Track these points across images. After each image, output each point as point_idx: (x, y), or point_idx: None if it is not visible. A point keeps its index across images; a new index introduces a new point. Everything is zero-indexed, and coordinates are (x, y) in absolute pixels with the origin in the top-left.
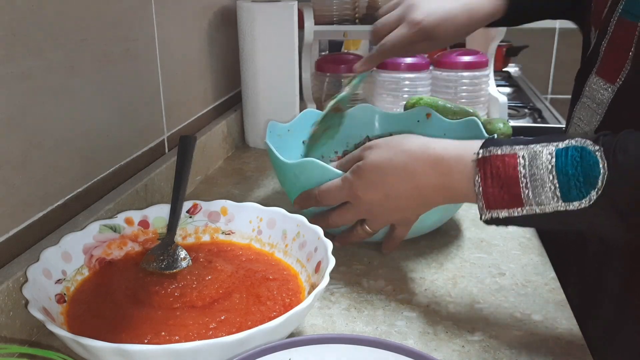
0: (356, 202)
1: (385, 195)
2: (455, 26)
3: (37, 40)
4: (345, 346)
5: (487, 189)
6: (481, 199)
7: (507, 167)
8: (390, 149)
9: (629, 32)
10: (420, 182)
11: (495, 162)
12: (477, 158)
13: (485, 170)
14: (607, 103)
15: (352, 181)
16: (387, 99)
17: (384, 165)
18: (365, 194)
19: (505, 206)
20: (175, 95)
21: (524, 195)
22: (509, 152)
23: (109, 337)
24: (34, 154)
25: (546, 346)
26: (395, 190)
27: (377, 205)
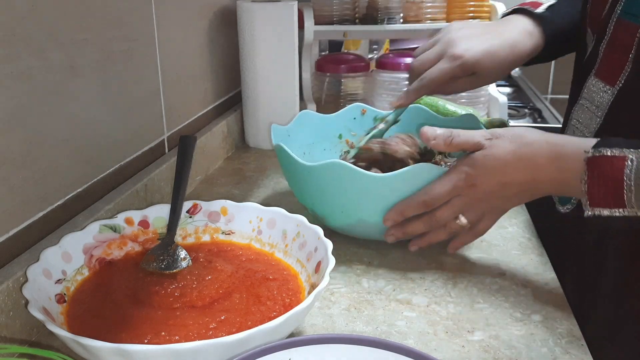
0: (470, 192)
1: (503, 184)
2: (497, 62)
3: (37, 40)
4: (345, 346)
5: (593, 188)
6: (586, 196)
7: (614, 170)
8: (514, 141)
9: (629, 33)
10: (539, 176)
11: (603, 163)
12: (587, 157)
13: (593, 170)
14: (607, 105)
15: (469, 173)
16: (387, 99)
17: (507, 157)
18: (483, 183)
19: (608, 206)
20: (175, 95)
21: (626, 198)
22: (618, 154)
23: (109, 337)
24: (34, 154)
25: (546, 346)
26: (514, 180)
27: (490, 194)
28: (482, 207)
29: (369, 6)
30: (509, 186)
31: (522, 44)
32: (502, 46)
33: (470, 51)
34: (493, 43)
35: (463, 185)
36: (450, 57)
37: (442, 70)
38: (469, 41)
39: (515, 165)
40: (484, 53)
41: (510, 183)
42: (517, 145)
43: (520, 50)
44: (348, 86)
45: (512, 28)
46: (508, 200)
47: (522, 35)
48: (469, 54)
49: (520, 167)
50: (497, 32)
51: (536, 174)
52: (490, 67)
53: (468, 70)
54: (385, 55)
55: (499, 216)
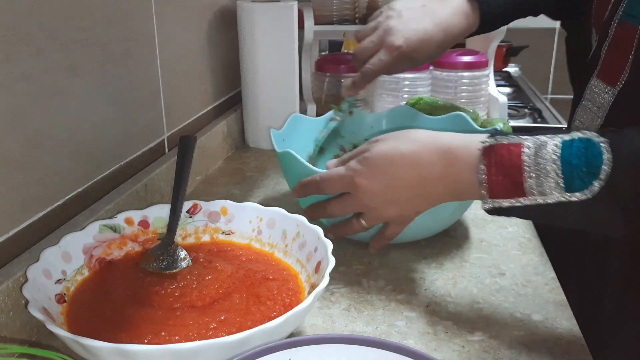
0: (357, 191)
1: (386, 186)
2: (432, 46)
3: (37, 40)
4: (345, 346)
5: (491, 177)
6: (484, 187)
7: (512, 156)
8: (398, 139)
9: (630, 34)
10: (425, 172)
11: (500, 150)
12: (483, 147)
13: (490, 158)
14: (608, 106)
15: (355, 169)
16: (387, 99)
17: (391, 153)
18: (367, 183)
19: (508, 195)
20: (175, 95)
21: (526, 185)
22: (515, 141)
23: (109, 337)
24: (34, 154)
25: (546, 346)
26: (398, 181)
27: (376, 196)
28: (378, 214)
29: (369, 6)
30: (395, 188)
31: (457, 26)
32: (437, 31)
33: (408, 41)
34: (428, 29)
35: (350, 183)
36: (390, 47)
37: (382, 60)
38: (406, 29)
39: (401, 163)
40: (420, 40)
41: (395, 185)
42: (402, 142)
43: (454, 32)
44: None
45: (449, 9)
46: (402, 205)
47: (458, 17)
48: (406, 44)
49: (405, 164)
50: (433, 14)
51: (423, 171)
52: (427, 52)
53: (406, 58)
54: None
55: (403, 225)
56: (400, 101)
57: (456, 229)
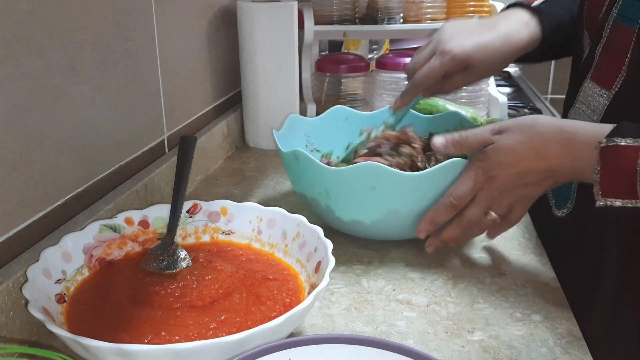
0: (490, 185)
1: (519, 173)
2: (490, 54)
3: (37, 40)
4: (345, 346)
5: (605, 178)
6: (598, 186)
7: (627, 160)
8: (524, 131)
9: (625, 36)
10: (553, 164)
11: (616, 153)
12: (600, 147)
13: (606, 160)
14: (603, 110)
15: (484, 167)
16: (387, 99)
17: (518, 148)
18: (500, 175)
19: (620, 196)
20: (175, 95)
21: (639, 189)
22: (632, 144)
23: (109, 337)
24: (34, 154)
25: (546, 346)
26: (529, 168)
27: (510, 183)
28: (508, 199)
29: (369, 6)
30: (526, 175)
31: (518, 35)
32: (495, 38)
33: (461, 45)
34: (485, 36)
35: (482, 180)
36: (440, 53)
37: (432, 67)
38: (460, 36)
39: (527, 156)
40: (476, 46)
41: (526, 172)
42: (527, 136)
43: (516, 40)
44: (348, 86)
45: (507, 20)
46: (531, 187)
47: (518, 26)
48: (458, 48)
49: (532, 157)
50: (490, 25)
51: (550, 162)
52: (484, 60)
53: (460, 65)
54: (385, 55)
55: (529, 204)
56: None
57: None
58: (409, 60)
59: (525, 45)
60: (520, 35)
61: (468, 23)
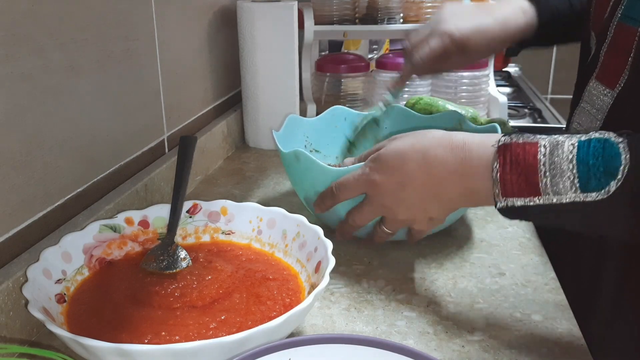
0: (373, 192)
1: (401, 184)
2: (487, 38)
3: (37, 40)
4: (345, 346)
5: (505, 175)
6: (498, 185)
7: (527, 155)
8: (414, 136)
9: (629, 37)
10: (439, 170)
11: (515, 149)
12: (498, 145)
13: (505, 157)
14: (607, 109)
15: (371, 167)
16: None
17: (405, 150)
18: (382, 180)
19: (522, 194)
20: (175, 95)
21: (541, 184)
22: (531, 140)
23: (109, 337)
24: (34, 154)
25: (546, 346)
26: (412, 179)
27: (390, 195)
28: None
29: (369, 6)
30: (408, 188)
31: (514, 21)
32: (492, 23)
33: (460, 28)
34: (483, 19)
35: (365, 180)
36: (440, 33)
37: (431, 47)
38: (459, 18)
39: (415, 160)
40: (474, 29)
41: (408, 183)
42: (417, 140)
43: (512, 26)
44: (348, 86)
45: (505, 6)
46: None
47: (515, 12)
48: (458, 31)
49: (417, 159)
50: (489, 10)
51: (435, 168)
52: (481, 43)
53: (458, 47)
54: (385, 55)
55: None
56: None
57: (456, 228)
58: None
59: (521, 31)
60: (517, 21)
61: (466, 6)
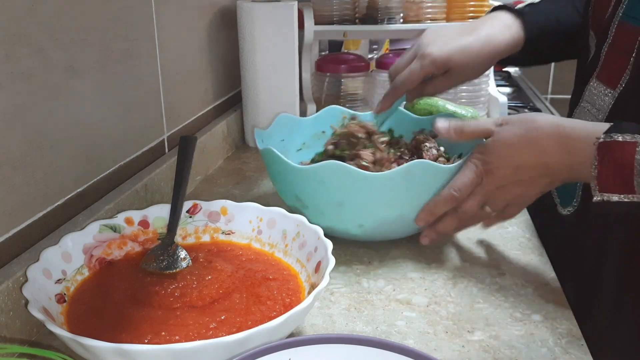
0: (488, 179)
1: (516, 168)
2: (471, 57)
3: (37, 40)
4: (345, 346)
5: (602, 172)
6: (595, 181)
7: (625, 154)
8: (523, 125)
9: (630, 36)
10: (548, 159)
11: (614, 148)
12: (598, 142)
13: (603, 155)
14: (608, 108)
15: (484, 160)
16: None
17: (516, 141)
18: (498, 169)
19: (617, 191)
20: (175, 95)
21: (636, 183)
22: (630, 139)
23: (109, 337)
24: (34, 154)
25: (546, 346)
26: (525, 164)
27: (507, 179)
28: (504, 196)
29: (369, 6)
30: (522, 170)
31: (500, 37)
32: (475, 40)
33: (440, 49)
34: (465, 39)
35: (482, 172)
36: (421, 56)
37: (412, 70)
38: (440, 40)
39: (525, 149)
40: (455, 49)
41: (522, 166)
42: (526, 129)
43: (497, 42)
44: (348, 86)
45: (489, 23)
46: (527, 185)
47: (499, 29)
48: (438, 52)
49: (529, 150)
50: (472, 29)
51: (546, 157)
52: (464, 62)
53: (440, 68)
54: (385, 55)
55: (525, 204)
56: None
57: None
58: None
59: (506, 48)
60: (502, 37)
61: (449, 27)
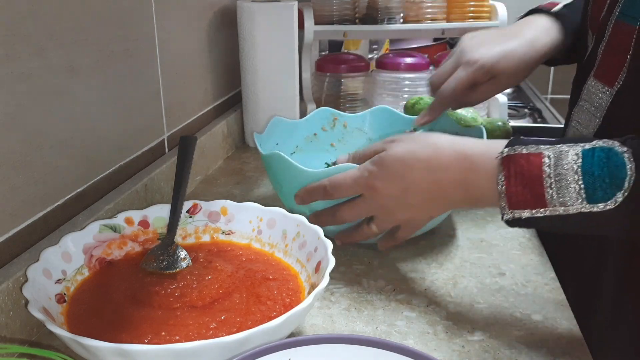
0: (372, 194)
1: (404, 189)
2: (516, 61)
3: (37, 40)
4: (345, 346)
5: (510, 188)
6: (504, 198)
7: (532, 166)
8: (416, 142)
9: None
10: (442, 177)
11: (520, 160)
12: (502, 156)
13: (509, 169)
14: (606, 107)
15: (371, 171)
16: (387, 99)
17: (408, 157)
18: (384, 186)
19: (528, 206)
20: (175, 95)
21: (547, 196)
22: (535, 151)
23: (109, 337)
24: (34, 154)
25: (546, 346)
26: (415, 185)
27: (392, 200)
28: (390, 218)
29: (369, 6)
30: (411, 192)
31: (541, 40)
32: (519, 45)
33: (486, 54)
34: (509, 43)
35: (366, 185)
36: (466, 63)
37: (459, 78)
38: (483, 45)
39: (416, 166)
40: (501, 54)
41: (411, 188)
42: (420, 146)
43: (540, 46)
44: (348, 86)
45: (529, 27)
46: (415, 211)
47: (540, 32)
48: (484, 57)
49: (423, 168)
50: (512, 33)
51: (439, 174)
52: (510, 67)
53: (487, 74)
54: (385, 55)
55: (414, 229)
56: (400, 101)
57: (456, 228)
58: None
59: (548, 51)
60: (544, 41)
61: (488, 32)
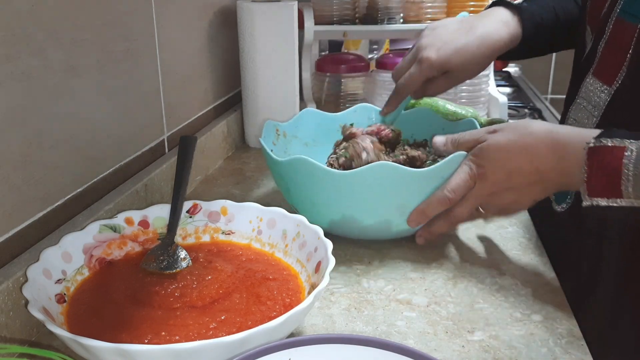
0: (482, 184)
1: (508, 173)
2: (468, 56)
3: (37, 40)
4: (345, 346)
5: (592, 177)
6: (584, 187)
7: (614, 159)
8: (516, 131)
9: (628, 32)
10: (541, 165)
11: (603, 152)
12: (588, 147)
13: (593, 160)
14: (604, 105)
15: (478, 163)
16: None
17: (510, 146)
18: (492, 174)
19: (606, 195)
20: (175, 95)
21: (624, 187)
22: (619, 144)
23: (109, 337)
24: (34, 154)
25: (546, 346)
26: (518, 170)
27: (499, 185)
28: (497, 203)
29: (369, 6)
30: (515, 175)
31: (496, 35)
32: (472, 41)
33: (438, 52)
34: (462, 40)
35: (475, 175)
36: (419, 61)
37: (412, 75)
38: (438, 42)
39: (518, 154)
40: (453, 51)
41: (515, 172)
42: (519, 135)
43: (494, 40)
44: (348, 86)
45: (487, 20)
46: (519, 193)
47: (496, 26)
48: (435, 56)
49: (522, 155)
50: (469, 27)
51: (538, 163)
52: (462, 64)
53: (439, 71)
54: (385, 55)
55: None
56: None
57: (456, 228)
58: None
59: (503, 45)
60: (499, 34)
61: (446, 26)
